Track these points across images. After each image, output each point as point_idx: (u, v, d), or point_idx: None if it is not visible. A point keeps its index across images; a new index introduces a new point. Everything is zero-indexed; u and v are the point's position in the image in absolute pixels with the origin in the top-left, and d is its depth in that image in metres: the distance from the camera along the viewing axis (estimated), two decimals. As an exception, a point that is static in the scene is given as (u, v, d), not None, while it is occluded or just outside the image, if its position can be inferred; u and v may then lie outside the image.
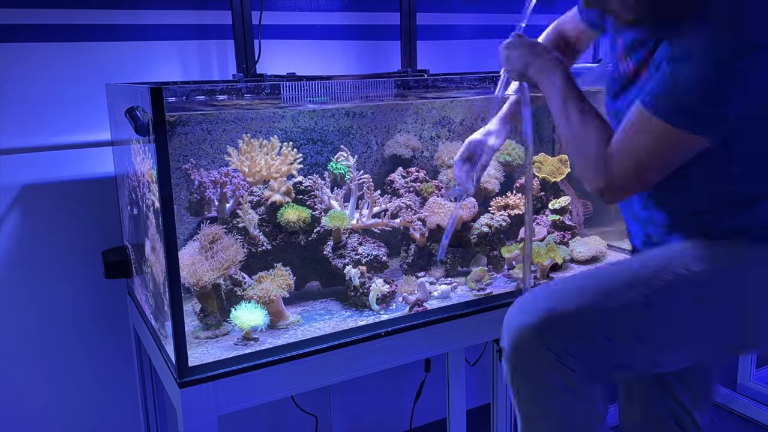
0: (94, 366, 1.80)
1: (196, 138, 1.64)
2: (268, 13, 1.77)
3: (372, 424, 2.29)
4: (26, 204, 1.66)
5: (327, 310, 1.50)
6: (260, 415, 2.05)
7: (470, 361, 2.23)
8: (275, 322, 1.39)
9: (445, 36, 2.14)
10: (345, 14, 1.97)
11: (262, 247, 1.52)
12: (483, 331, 1.53)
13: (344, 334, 1.35)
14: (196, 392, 1.20)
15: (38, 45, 1.61)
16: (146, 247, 1.35)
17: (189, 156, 1.62)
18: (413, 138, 1.89)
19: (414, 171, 1.80)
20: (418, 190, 1.75)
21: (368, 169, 1.86)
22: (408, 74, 1.71)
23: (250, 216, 1.51)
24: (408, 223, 1.63)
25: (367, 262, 1.52)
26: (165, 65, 1.75)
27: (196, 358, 1.24)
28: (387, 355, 1.39)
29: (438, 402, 2.29)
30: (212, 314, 1.38)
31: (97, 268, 1.64)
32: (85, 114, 1.67)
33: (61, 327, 1.74)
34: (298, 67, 1.65)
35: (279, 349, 1.29)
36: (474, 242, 1.68)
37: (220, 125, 1.65)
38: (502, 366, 1.08)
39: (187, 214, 1.57)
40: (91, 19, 1.65)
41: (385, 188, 1.77)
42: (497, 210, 1.79)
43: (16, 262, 1.67)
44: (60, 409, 1.78)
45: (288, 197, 1.58)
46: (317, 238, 1.56)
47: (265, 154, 1.57)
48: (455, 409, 1.90)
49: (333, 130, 1.80)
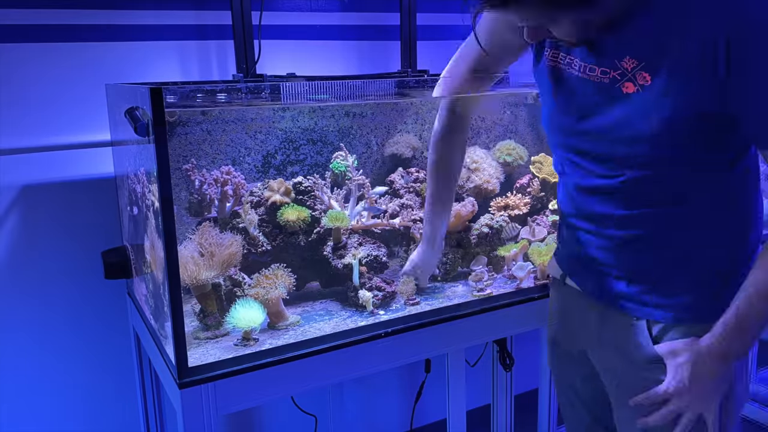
0: (94, 366, 1.80)
1: (195, 138, 1.64)
2: (268, 13, 1.77)
3: (372, 425, 2.29)
4: (26, 204, 1.66)
5: (327, 310, 1.50)
6: (260, 415, 2.05)
7: (470, 361, 2.23)
8: (275, 323, 1.39)
9: (445, 36, 2.14)
10: (345, 14, 1.97)
11: (262, 247, 1.51)
12: (483, 331, 1.53)
13: (344, 334, 1.35)
14: (195, 393, 1.20)
15: (38, 45, 1.61)
16: (146, 247, 1.35)
17: (189, 156, 1.62)
18: (413, 138, 1.89)
19: (414, 171, 1.80)
20: (418, 190, 1.75)
21: (368, 169, 1.86)
22: (408, 74, 1.71)
23: (251, 216, 1.51)
24: (410, 222, 1.63)
25: (367, 262, 1.52)
26: (165, 65, 1.75)
27: (196, 359, 1.24)
28: (387, 355, 1.39)
29: (438, 402, 2.29)
30: (212, 315, 1.38)
31: (97, 269, 1.64)
32: (85, 114, 1.67)
33: (61, 327, 1.74)
34: (298, 67, 1.65)
35: (279, 349, 1.29)
36: (474, 242, 1.68)
37: (220, 125, 1.65)
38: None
39: (187, 215, 1.57)
40: (90, 19, 1.65)
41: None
42: (497, 210, 1.79)
43: (16, 262, 1.67)
44: (60, 409, 1.78)
45: (288, 197, 1.58)
46: (317, 239, 1.56)
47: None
48: (455, 410, 1.90)
49: (333, 130, 1.80)
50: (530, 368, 2.29)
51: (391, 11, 1.94)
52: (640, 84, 0.97)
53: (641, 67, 0.96)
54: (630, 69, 0.97)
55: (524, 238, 1.74)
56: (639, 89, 0.97)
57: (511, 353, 1.90)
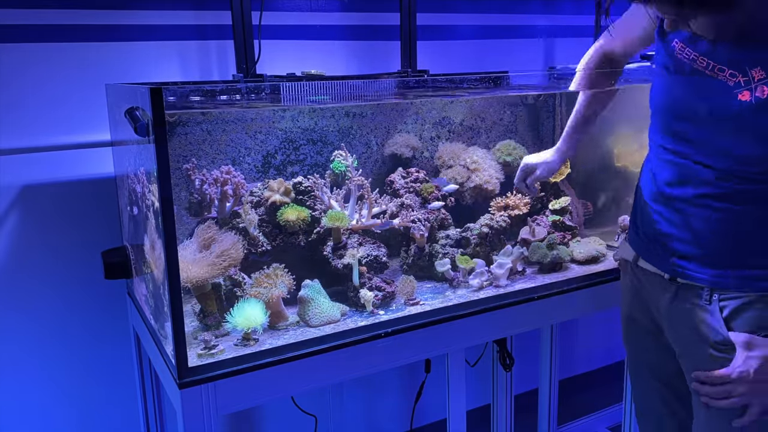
0: (94, 366, 1.80)
1: (195, 138, 1.64)
2: (268, 14, 1.77)
3: (372, 425, 2.29)
4: (26, 204, 1.66)
5: (327, 310, 1.49)
6: (260, 415, 2.05)
7: (470, 361, 2.23)
8: (275, 323, 1.39)
9: (445, 36, 2.14)
10: (345, 14, 1.97)
11: (261, 247, 1.51)
12: (483, 331, 1.53)
13: (344, 334, 1.35)
14: (195, 393, 1.20)
15: (38, 45, 1.61)
16: (146, 247, 1.35)
17: (189, 156, 1.62)
18: (413, 138, 1.90)
19: (414, 171, 1.80)
20: (418, 190, 1.75)
21: (368, 169, 1.86)
22: (408, 74, 1.71)
23: (251, 216, 1.51)
24: (409, 223, 1.63)
25: (367, 262, 1.52)
26: (165, 65, 1.75)
27: (196, 359, 1.24)
28: (387, 355, 1.39)
29: (438, 402, 2.29)
30: (212, 315, 1.38)
31: (97, 269, 1.63)
32: (85, 114, 1.67)
33: (61, 327, 1.74)
34: (298, 68, 1.65)
35: (279, 349, 1.29)
36: (474, 243, 1.68)
37: (220, 125, 1.65)
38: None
39: (187, 215, 1.57)
40: (91, 19, 1.65)
41: (385, 188, 1.77)
42: (497, 210, 1.79)
43: (16, 262, 1.67)
44: (60, 410, 1.78)
45: (288, 197, 1.58)
46: (317, 239, 1.56)
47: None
48: (455, 410, 1.90)
49: (333, 130, 1.80)
50: (530, 368, 2.29)
51: (391, 11, 1.94)
52: (756, 95, 1.03)
53: (766, 81, 1.02)
54: (756, 79, 1.03)
55: (524, 238, 1.74)
56: (752, 100, 1.03)
57: (511, 353, 1.90)
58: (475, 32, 2.19)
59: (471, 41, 2.19)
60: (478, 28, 2.20)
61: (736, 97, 1.05)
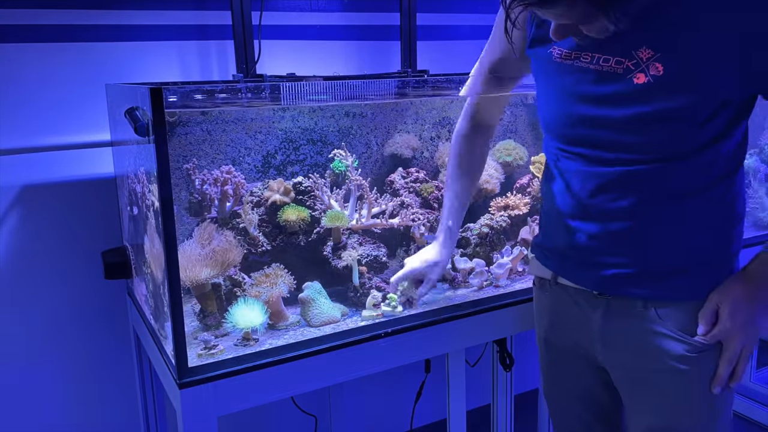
0: (94, 366, 1.80)
1: (196, 138, 1.64)
2: (268, 14, 1.77)
3: (372, 425, 2.29)
4: (26, 204, 1.66)
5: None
6: (260, 415, 2.05)
7: (470, 361, 2.23)
8: (275, 323, 1.39)
9: (445, 36, 2.14)
10: (345, 14, 1.97)
11: (261, 247, 1.51)
12: (483, 331, 1.53)
13: (344, 334, 1.35)
14: (195, 393, 1.20)
15: (38, 45, 1.61)
16: (146, 247, 1.35)
17: (189, 156, 1.62)
18: (413, 138, 1.89)
19: (414, 171, 1.80)
20: (418, 190, 1.75)
21: (368, 169, 1.86)
22: (408, 74, 1.71)
23: (251, 216, 1.51)
24: (410, 222, 1.63)
25: (367, 262, 1.52)
26: (165, 66, 1.75)
27: (196, 359, 1.24)
28: (387, 355, 1.39)
29: (438, 402, 2.29)
30: (212, 315, 1.38)
31: (97, 269, 1.64)
32: (85, 114, 1.67)
33: (61, 327, 1.74)
34: (298, 67, 1.65)
35: (279, 349, 1.29)
36: (474, 243, 1.68)
37: (220, 125, 1.65)
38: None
39: (187, 215, 1.57)
40: (91, 19, 1.65)
41: (385, 188, 1.77)
42: (497, 210, 1.79)
43: (16, 262, 1.67)
44: (60, 410, 1.78)
45: (288, 197, 1.58)
46: (317, 239, 1.56)
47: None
48: (455, 410, 1.90)
49: (333, 131, 1.80)
50: (530, 368, 2.29)
51: (391, 11, 1.94)
52: (651, 74, 0.98)
53: (656, 58, 0.97)
54: (645, 59, 0.98)
55: (524, 238, 1.74)
56: (650, 79, 0.98)
57: (511, 353, 1.89)
58: (475, 32, 2.19)
59: (471, 41, 2.19)
60: (478, 28, 2.20)
61: (631, 82, 0.99)
